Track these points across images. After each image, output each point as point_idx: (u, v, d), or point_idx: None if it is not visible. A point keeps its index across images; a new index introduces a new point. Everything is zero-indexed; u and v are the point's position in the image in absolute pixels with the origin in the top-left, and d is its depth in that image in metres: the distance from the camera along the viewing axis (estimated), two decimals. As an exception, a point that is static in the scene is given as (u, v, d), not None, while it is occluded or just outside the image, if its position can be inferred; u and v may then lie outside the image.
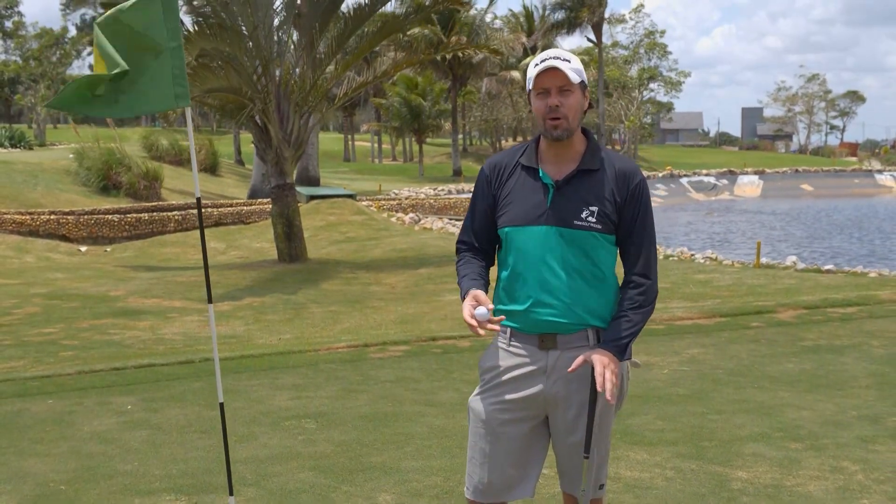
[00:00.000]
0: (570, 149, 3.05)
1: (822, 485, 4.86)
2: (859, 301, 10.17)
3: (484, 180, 3.15)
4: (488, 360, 3.18)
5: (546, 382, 3.06)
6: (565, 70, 2.94)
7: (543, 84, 2.98)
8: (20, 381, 7.43)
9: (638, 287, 3.05)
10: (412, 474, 5.10)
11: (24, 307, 12.62)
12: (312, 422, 6.16)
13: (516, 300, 3.07)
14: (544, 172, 3.04)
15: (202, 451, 5.59)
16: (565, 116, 2.97)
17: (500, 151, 3.30)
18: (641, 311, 3.03)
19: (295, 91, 16.43)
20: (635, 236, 3.05)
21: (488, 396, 3.14)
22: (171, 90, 3.66)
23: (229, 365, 7.82)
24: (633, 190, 3.03)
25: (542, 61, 2.99)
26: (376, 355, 8.22)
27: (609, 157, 3.08)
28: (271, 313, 11.97)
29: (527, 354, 3.08)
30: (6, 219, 20.82)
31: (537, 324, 3.04)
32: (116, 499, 4.84)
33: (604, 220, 2.99)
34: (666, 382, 7.04)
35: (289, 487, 4.95)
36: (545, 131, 3.01)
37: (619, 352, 2.97)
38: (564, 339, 3.03)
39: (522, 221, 3.03)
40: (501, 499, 3.16)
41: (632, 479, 4.97)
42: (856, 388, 6.80)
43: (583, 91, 3.01)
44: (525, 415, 3.10)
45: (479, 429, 3.15)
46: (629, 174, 3.04)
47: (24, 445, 5.76)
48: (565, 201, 3.00)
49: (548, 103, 2.97)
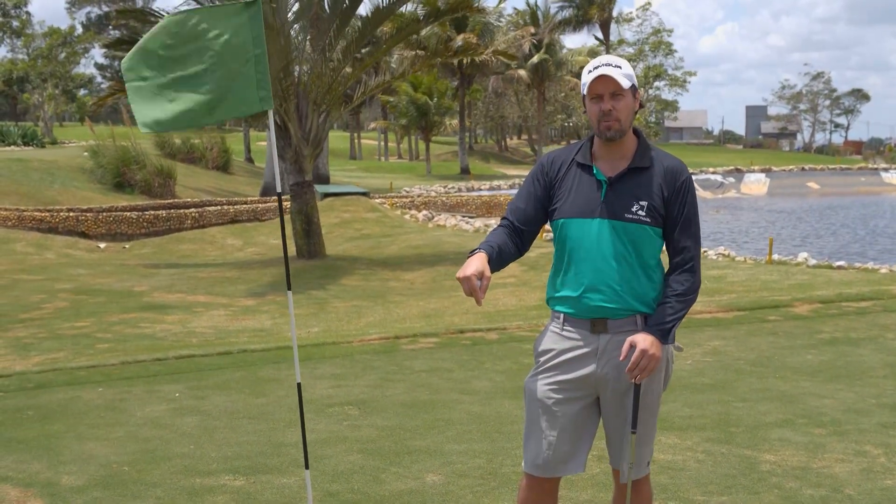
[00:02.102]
0: (621, 148, 3.31)
1: (847, 467, 5.12)
2: (873, 295, 10.42)
3: (540, 170, 3.41)
4: (543, 344, 3.43)
5: (597, 364, 3.30)
6: (616, 76, 3.20)
7: (597, 90, 3.23)
8: (67, 371, 7.71)
9: (682, 276, 3.30)
10: (456, 456, 5.37)
11: (53, 302, 12.90)
12: (355, 408, 6.43)
13: (570, 287, 3.32)
14: (598, 169, 3.30)
15: (253, 436, 5.86)
16: (617, 119, 3.23)
17: (562, 147, 3.56)
18: (685, 299, 3.29)
19: (313, 90, 16.70)
20: (681, 229, 3.29)
21: (543, 377, 3.38)
22: (256, 94, 3.92)
23: (267, 356, 8.11)
24: (680, 186, 3.29)
25: (594, 68, 3.25)
26: (408, 347, 8.50)
27: (658, 155, 3.34)
28: (296, 308, 12.20)
29: (579, 338, 3.32)
30: (26, 216, 21.12)
31: (589, 309, 3.29)
32: (178, 479, 5.11)
33: (652, 213, 3.24)
34: (690, 372, 7.30)
35: (340, 468, 5.22)
36: (599, 133, 3.28)
37: (663, 335, 3.22)
38: (614, 323, 3.29)
39: (578, 214, 3.28)
40: (556, 473, 3.40)
41: (665, 462, 5.23)
42: (874, 378, 7.06)
43: (633, 94, 3.27)
44: (577, 395, 3.35)
45: (534, 408, 3.39)
46: (677, 171, 3.30)
47: (82, 430, 6.04)
48: (617, 196, 3.26)
49: (601, 108, 3.23)
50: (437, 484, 4.96)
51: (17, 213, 21.15)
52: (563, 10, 59.48)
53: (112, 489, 4.97)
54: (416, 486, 4.93)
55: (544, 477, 3.40)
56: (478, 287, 3.08)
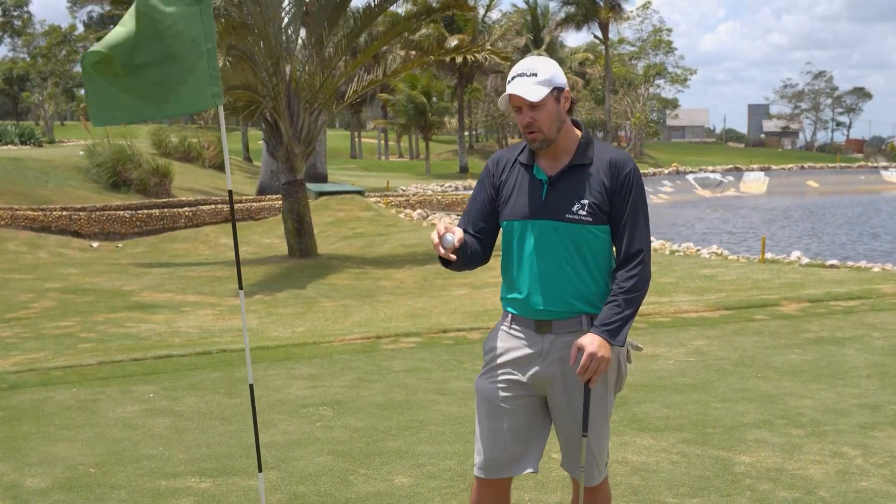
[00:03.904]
0: (561, 145, 3.22)
1: (823, 468, 5.04)
2: (862, 294, 10.34)
3: (487, 173, 3.34)
4: (490, 342, 3.37)
5: (542, 364, 3.24)
6: (526, 93, 3.09)
7: (515, 103, 3.15)
8: (43, 371, 7.64)
9: (629, 272, 3.18)
10: (427, 458, 5.29)
11: (41, 301, 12.85)
12: (329, 409, 6.36)
13: (516, 289, 3.26)
14: (539, 168, 3.23)
15: (223, 437, 5.79)
16: (540, 129, 3.14)
17: (507, 147, 3.48)
18: (631, 297, 3.16)
19: (305, 89, 16.63)
20: (627, 223, 3.18)
21: (491, 376, 3.33)
22: (208, 90, 3.85)
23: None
24: (624, 179, 3.18)
25: (510, 80, 3.15)
26: (389, 346, 8.43)
27: (601, 149, 3.25)
28: (283, 307, 12.18)
29: (525, 338, 3.26)
30: (19, 215, 21.06)
31: (535, 311, 3.23)
32: (144, 481, 5.04)
33: (595, 212, 3.15)
34: (672, 372, 7.23)
35: (309, 470, 5.15)
36: (527, 142, 3.21)
37: (611, 336, 3.10)
38: (559, 324, 3.21)
39: (520, 216, 3.21)
40: (506, 474, 3.33)
41: (638, 463, 5.16)
42: (857, 378, 6.98)
43: (557, 96, 3.16)
44: (525, 394, 3.28)
45: (483, 407, 3.34)
46: (620, 164, 3.20)
47: (51, 431, 5.97)
48: (558, 196, 3.17)
49: (521, 120, 3.15)
50: (405, 486, 4.89)
51: (11, 213, 21.09)
52: (565, 7, 59.23)
53: (76, 492, 4.90)
54: (383, 489, 4.86)
55: (495, 478, 3.33)
56: (448, 246, 3.06)
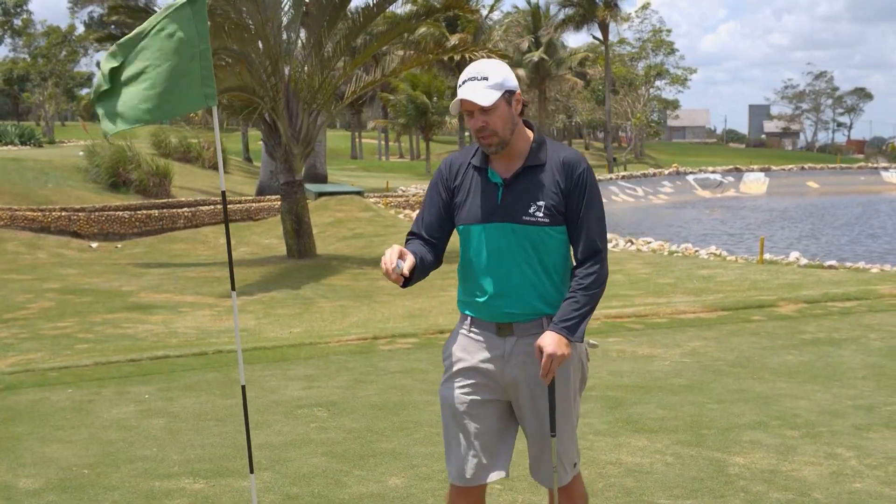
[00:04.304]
0: (515, 148, 3.19)
1: (817, 470, 5.04)
2: (859, 295, 10.34)
3: (440, 177, 3.30)
4: (450, 347, 3.35)
5: (505, 367, 3.22)
6: (477, 97, 3.06)
7: (466, 108, 3.12)
8: (39, 372, 7.65)
9: (587, 269, 3.18)
10: (421, 459, 5.29)
11: (39, 302, 12.86)
12: (324, 410, 6.36)
13: (475, 293, 3.24)
14: (493, 171, 3.20)
15: (218, 438, 5.79)
16: (493, 133, 3.11)
17: (457, 150, 3.44)
18: (589, 293, 3.15)
19: (303, 89, 16.63)
20: (583, 221, 3.18)
21: (454, 383, 3.29)
22: (200, 91, 3.86)
23: (243, 356, 8.02)
24: (577, 179, 3.17)
25: (460, 84, 3.12)
26: (385, 347, 8.43)
27: (554, 149, 3.23)
28: (281, 308, 12.18)
29: (485, 341, 3.25)
30: (18, 215, 21.07)
31: (496, 314, 3.21)
32: (137, 482, 5.04)
33: (551, 212, 3.14)
34: (668, 373, 7.22)
35: (302, 471, 5.15)
36: (481, 147, 3.18)
37: (569, 332, 3.09)
38: (520, 326, 3.20)
39: (477, 219, 3.19)
40: (479, 481, 3.30)
41: (632, 465, 5.15)
42: (853, 379, 6.97)
43: (508, 99, 3.12)
44: (490, 398, 3.26)
45: (448, 414, 3.31)
46: (573, 163, 3.19)
47: (45, 432, 5.97)
48: (514, 198, 3.16)
49: (473, 125, 3.12)
50: (398, 487, 4.89)
51: (10, 213, 21.10)
52: (564, 9, 59.23)
53: (69, 493, 4.90)
54: (377, 490, 4.86)
55: (470, 486, 3.31)
56: (394, 260, 3.00)
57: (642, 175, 49.08)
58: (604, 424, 5.89)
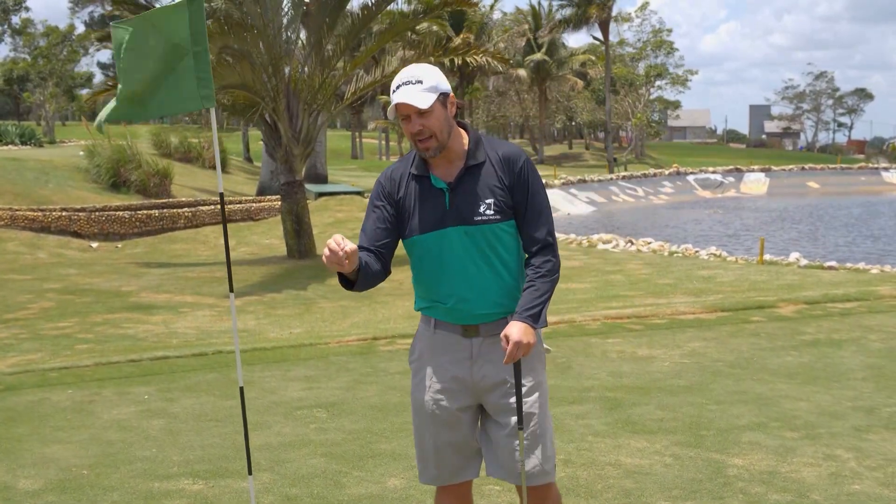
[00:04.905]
0: (453, 150, 3.18)
1: (816, 471, 5.04)
2: (859, 296, 10.34)
3: (381, 190, 3.25)
4: (416, 350, 3.36)
5: (472, 368, 3.23)
6: (413, 100, 3.04)
7: (402, 112, 3.10)
8: (40, 373, 7.65)
9: (542, 258, 3.18)
10: (420, 460, 5.29)
11: (39, 302, 12.86)
12: (323, 411, 6.36)
13: (439, 299, 3.22)
14: (435, 177, 3.19)
15: (218, 439, 5.80)
16: (431, 136, 3.10)
17: (394, 161, 3.39)
18: (549, 280, 3.17)
19: (304, 89, 16.64)
20: (530, 213, 3.19)
21: (421, 385, 3.31)
22: (197, 92, 3.87)
23: (243, 357, 8.01)
24: (519, 172, 3.18)
25: (395, 90, 3.09)
26: (385, 348, 8.44)
27: (492, 146, 3.23)
28: (281, 308, 12.19)
29: (452, 342, 3.24)
30: (18, 215, 21.08)
31: (462, 317, 3.21)
32: (136, 483, 5.05)
33: (500, 208, 3.15)
34: (667, 374, 7.22)
35: (302, 472, 5.15)
36: (419, 152, 3.15)
37: (533, 320, 3.10)
38: (486, 327, 3.22)
39: (428, 228, 3.16)
40: (451, 481, 3.33)
41: (631, 466, 5.16)
42: (852, 381, 6.97)
43: (443, 101, 3.12)
44: (459, 397, 3.26)
45: (418, 417, 3.34)
46: (513, 158, 3.19)
47: (45, 433, 5.98)
48: (462, 200, 3.15)
49: (410, 129, 3.10)
50: (398, 488, 4.90)
51: (10, 213, 21.11)
52: (562, 10, 59.27)
53: (68, 493, 4.91)
54: (376, 491, 4.87)
55: (453, 483, 3.34)
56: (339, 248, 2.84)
57: (643, 175, 49.03)
58: (603, 425, 5.89)
